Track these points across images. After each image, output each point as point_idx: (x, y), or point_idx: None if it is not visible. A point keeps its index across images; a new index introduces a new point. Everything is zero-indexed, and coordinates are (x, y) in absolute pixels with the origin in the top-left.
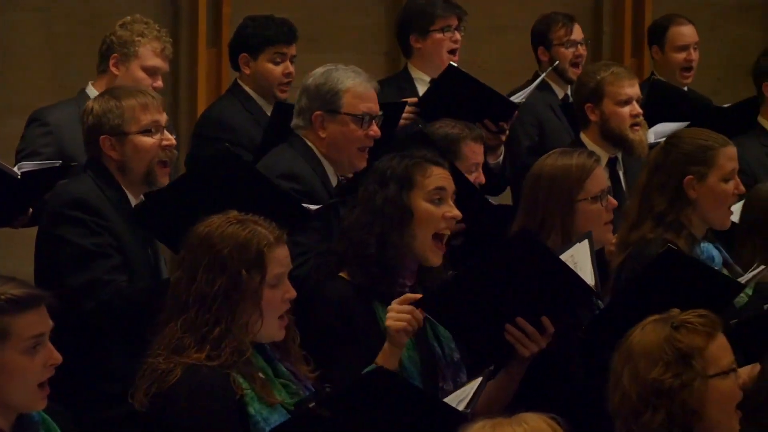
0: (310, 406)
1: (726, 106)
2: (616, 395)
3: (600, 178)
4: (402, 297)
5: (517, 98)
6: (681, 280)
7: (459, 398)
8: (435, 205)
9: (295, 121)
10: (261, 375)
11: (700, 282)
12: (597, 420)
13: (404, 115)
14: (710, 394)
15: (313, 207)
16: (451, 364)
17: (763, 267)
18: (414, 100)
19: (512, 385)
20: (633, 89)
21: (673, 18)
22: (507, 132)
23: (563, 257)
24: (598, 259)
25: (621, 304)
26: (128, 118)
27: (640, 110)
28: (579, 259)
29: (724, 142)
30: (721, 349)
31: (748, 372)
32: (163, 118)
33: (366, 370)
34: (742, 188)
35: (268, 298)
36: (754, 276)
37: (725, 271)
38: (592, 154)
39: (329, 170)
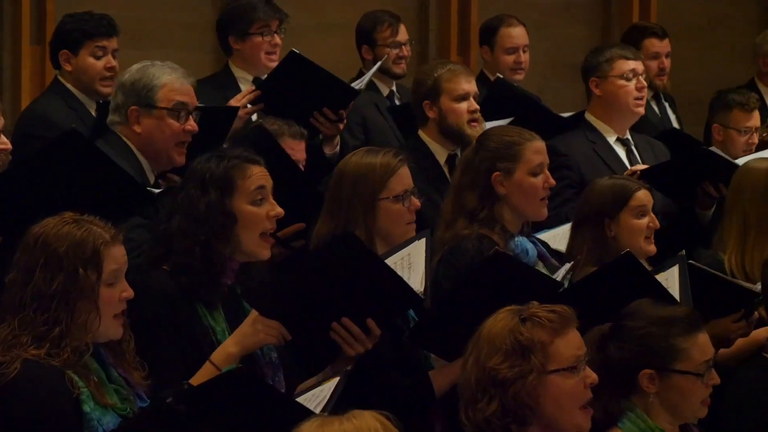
0: (167, 400)
1: (564, 115)
2: (462, 377)
3: (404, 178)
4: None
5: (356, 85)
6: (504, 281)
7: (316, 399)
8: (257, 206)
9: (111, 117)
10: (95, 378)
11: (523, 282)
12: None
13: (246, 105)
14: (547, 389)
15: (156, 190)
16: (270, 364)
17: (570, 264)
18: (251, 89)
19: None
20: (470, 85)
21: (504, 19)
22: (345, 120)
23: (399, 255)
24: None
25: (444, 309)
26: None
27: (477, 106)
28: (415, 259)
29: (530, 137)
30: (567, 346)
31: None
32: (0, 122)
33: (226, 368)
34: (552, 181)
35: (104, 296)
36: (566, 273)
37: (540, 264)
38: (398, 153)
39: (146, 167)
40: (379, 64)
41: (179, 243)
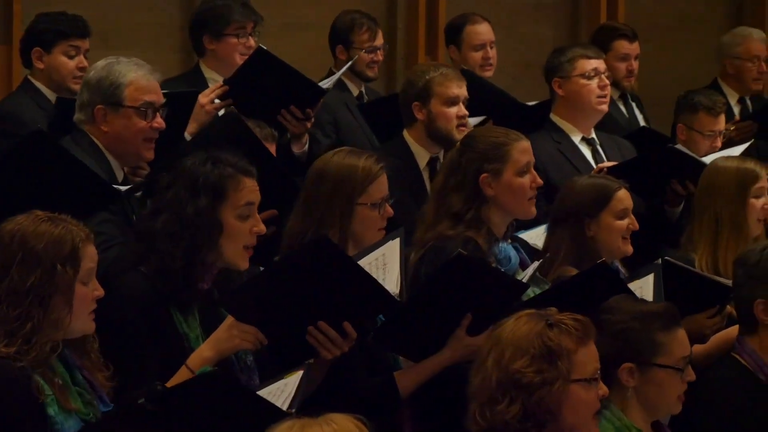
0: (139, 401)
1: (530, 104)
2: (478, 378)
3: (382, 186)
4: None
5: (324, 84)
6: (469, 282)
7: (281, 393)
8: (243, 221)
9: (78, 116)
10: (59, 381)
11: (487, 283)
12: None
13: (215, 99)
14: (569, 397)
15: (123, 188)
16: (245, 368)
17: (537, 263)
18: (219, 85)
19: (312, 385)
20: (461, 90)
21: (468, 17)
22: (312, 119)
23: (373, 255)
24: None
25: (408, 310)
26: None
27: (466, 111)
28: (389, 259)
29: (516, 137)
30: (588, 357)
31: None
32: None
33: (201, 371)
34: (540, 180)
35: (79, 294)
36: (533, 272)
37: (521, 271)
38: (379, 159)
39: (114, 165)
40: (349, 63)
41: (162, 243)
